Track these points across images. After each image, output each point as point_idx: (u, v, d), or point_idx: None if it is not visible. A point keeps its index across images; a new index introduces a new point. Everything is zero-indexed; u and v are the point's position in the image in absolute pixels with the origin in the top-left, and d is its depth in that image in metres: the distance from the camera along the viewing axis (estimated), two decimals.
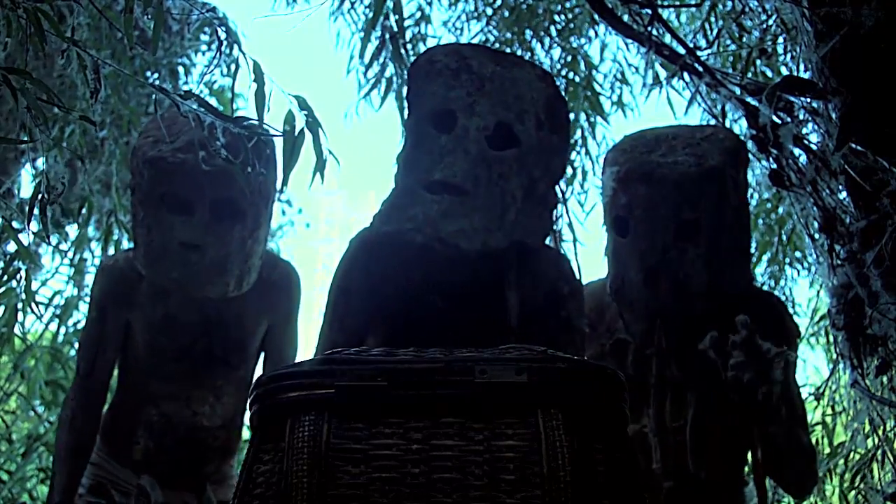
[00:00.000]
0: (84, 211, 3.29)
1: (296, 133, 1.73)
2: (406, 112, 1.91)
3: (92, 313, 2.27)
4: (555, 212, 1.92)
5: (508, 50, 3.76)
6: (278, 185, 2.25)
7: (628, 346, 2.10)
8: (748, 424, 1.88)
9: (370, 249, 1.82)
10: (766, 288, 3.49)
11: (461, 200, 1.76)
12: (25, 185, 3.56)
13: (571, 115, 3.62)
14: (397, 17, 3.58)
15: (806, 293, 3.72)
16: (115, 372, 2.33)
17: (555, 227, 2.01)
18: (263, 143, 2.11)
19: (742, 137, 2.27)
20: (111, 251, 3.47)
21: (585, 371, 1.19)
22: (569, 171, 3.66)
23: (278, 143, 1.90)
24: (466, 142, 1.77)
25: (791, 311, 2.29)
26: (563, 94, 1.94)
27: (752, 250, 2.30)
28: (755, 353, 1.80)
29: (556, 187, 1.91)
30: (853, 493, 2.62)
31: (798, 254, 3.57)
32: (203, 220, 2.10)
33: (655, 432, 2.02)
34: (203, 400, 2.24)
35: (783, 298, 3.28)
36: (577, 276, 1.93)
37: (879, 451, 2.37)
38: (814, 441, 3.19)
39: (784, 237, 3.50)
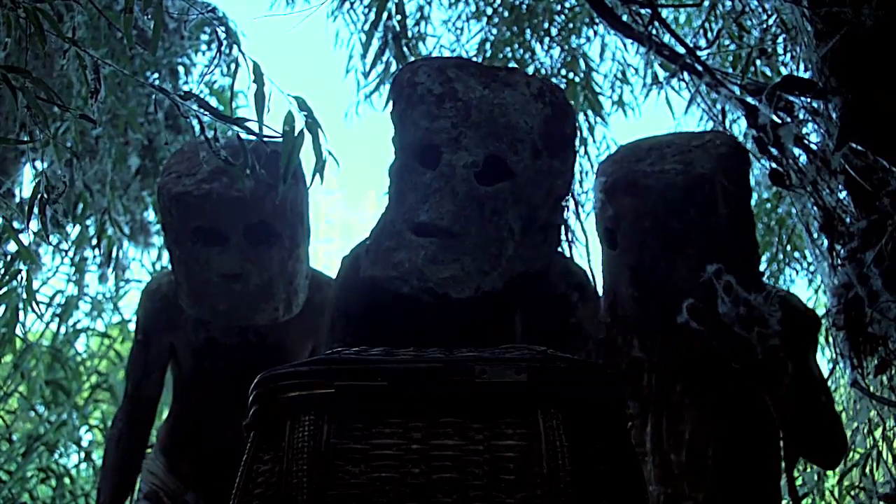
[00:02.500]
0: (79, 209, 3.29)
1: (295, 134, 1.71)
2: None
3: (137, 336, 2.31)
4: (565, 223, 1.81)
5: (508, 50, 3.76)
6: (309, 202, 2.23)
7: (644, 365, 2.04)
8: (758, 391, 1.82)
9: (362, 286, 1.73)
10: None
11: (450, 244, 1.61)
12: (26, 184, 3.56)
13: None
14: (399, 17, 3.57)
15: (805, 293, 3.71)
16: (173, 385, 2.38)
17: (565, 238, 1.89)
18: (297, 161, 2.11)
19: (742, 140, 2.22)
20: (103, 249, 3.49)
21: (585, 371, 1.19)
22: None
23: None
24: (453, 180, 1.62)
25: None
26: (565, 105, 1.76)
27: None
28: (742, 302, 1.76)
29: (564, 201, 1.79)
30: (853, 492, 2.62)
31: (797, 253, 3.58)
32: (240, 247, 2.07)
33: (652, 454, 1.97)
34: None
35: None
36: (592, 284, 1.83)
37: (879, 451, 2.37)
38: None
39: (784, 237, 3.50)
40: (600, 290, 2.07)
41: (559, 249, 1.79)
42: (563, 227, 1.79)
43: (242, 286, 2.09)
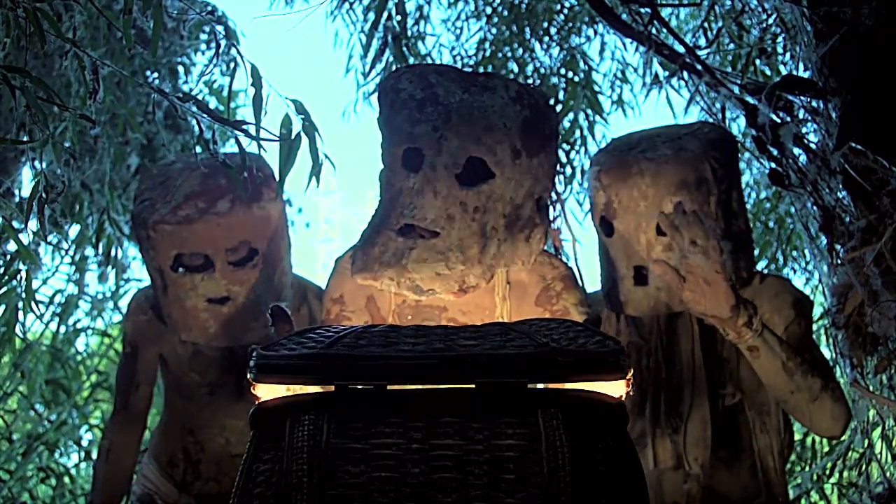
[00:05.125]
0: (76, 208, 3.28)
1: (292, 137, 1.73)
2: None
3: (125, 349, 2.31)
4: (547, 221, 1.86)
5: (507, 49, 3.76)
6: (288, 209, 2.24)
7: (642, 349, 2.08)
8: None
9: (356, 287, 1.80)
10: None
11: (434, 243, 1.68)
12: (25, 184, 3.55)
13: (570, 115, 3.62)
14: (399, 17, 3.57)
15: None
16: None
17: (551, 229, 1.95)
18: (270, 173, 2.11)
19: (742, 140, 2.26)
20: (101, 248, 3.48)
21: (586, 368, 1.19)
22: (567, 170, 3.66)
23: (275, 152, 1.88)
24: (435, 182, 1.68)
25: None
26: (544, 107, 1.82)
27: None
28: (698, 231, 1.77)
29: (548, 198, 1.84)
30: (848, 491, 2.62)
31: (797, 253, 3.58)
32: (224, 270, 2.07)
33: (651, 437, 2.00)
34: (234, 429, 2.25)
35: None
36: (577, 277, 1.89)
37: (878, 450, 2.37)
38: (813, 440, 3.19)
39: (783, 237, 3.50)
40: (590, 289, 2.15)
41: (543, 247, 1.84)
42: (547, 226, 1.84)
43: (231, 308, 2.09)
